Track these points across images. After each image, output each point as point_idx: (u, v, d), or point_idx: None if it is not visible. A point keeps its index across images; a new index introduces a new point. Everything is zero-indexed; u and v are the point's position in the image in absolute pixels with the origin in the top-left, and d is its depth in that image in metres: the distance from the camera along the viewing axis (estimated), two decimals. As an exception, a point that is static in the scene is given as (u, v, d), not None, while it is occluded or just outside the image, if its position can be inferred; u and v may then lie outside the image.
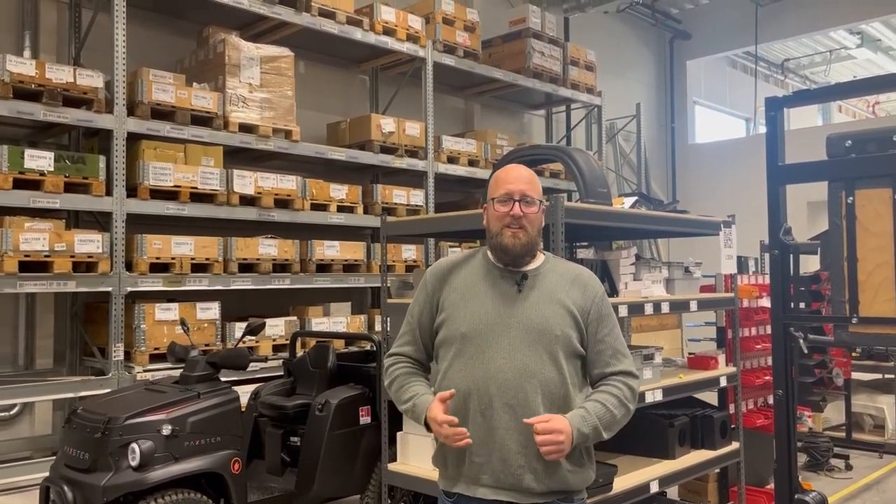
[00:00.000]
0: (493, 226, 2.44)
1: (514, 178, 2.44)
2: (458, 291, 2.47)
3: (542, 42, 10.63)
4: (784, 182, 3.17)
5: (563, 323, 2.36)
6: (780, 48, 17.42)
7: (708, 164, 15.05)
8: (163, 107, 6.74)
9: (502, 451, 2.29)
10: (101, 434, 3.98)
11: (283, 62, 7.69)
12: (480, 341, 2.35)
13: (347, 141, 8.70)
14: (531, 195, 2.42)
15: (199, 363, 4.59)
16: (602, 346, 2.42)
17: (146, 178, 6.55)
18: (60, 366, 7.01)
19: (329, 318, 7.99)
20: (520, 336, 2.33)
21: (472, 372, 2.35)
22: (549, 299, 2.39)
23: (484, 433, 2.31)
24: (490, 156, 9.80)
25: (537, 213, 2.43)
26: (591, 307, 2.43)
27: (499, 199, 2.42)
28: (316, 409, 4.84)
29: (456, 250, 9.37)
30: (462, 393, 2.35)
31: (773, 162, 3.19)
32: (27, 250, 5.84)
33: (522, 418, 2.27)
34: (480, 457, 2.32)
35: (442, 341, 2.45)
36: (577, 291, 2.43)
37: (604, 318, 2.45)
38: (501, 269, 2.46)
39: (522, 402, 2.29)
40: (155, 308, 6.56)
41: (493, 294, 2.41)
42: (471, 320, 2.39)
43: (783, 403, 3.17)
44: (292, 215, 7.66)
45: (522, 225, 2.39)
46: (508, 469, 2.29)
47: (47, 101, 6.07)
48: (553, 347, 2.33)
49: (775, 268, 3.14)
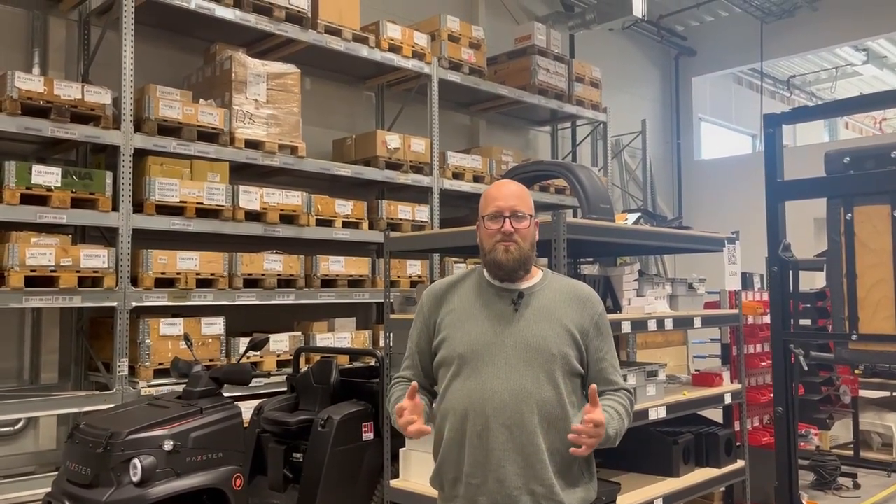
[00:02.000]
0: (486, 243, 2.43)
1: (503, 194, 2.43)
2: (455, 312, 2.46)
3: (547, 59, 10.68)
4: (783, 198, 3.16)
5: (561, 342, 2.34)
6: (785, 65, 17.45)
7: (714, 180, 15.04)
8: (169, 123, 6.79)
9: (499, 472, 2.27)
10: (103, 449, 3.98)
11: (290, 79, 7.74)
12: (477, 362, 2.34)
13: (353, 157, 8.74)
14: (521, 210, 2.40)
15: (202, 378, 4.60)
16: (603, 364, 2.41)
17: (152, 193, 6.59)
18: (65, 381, 7.02)
19: (333, 333, 7.99)
20: (516, 356, 2.32)
21: (468, 393, 2.33)
22: (546, 318, 2.37)
23: (481, 454, 2.29)
24: (495, 171, 9.82)
25: (529, 227, 2.42)
26: (591, 325, 2.41)
27: (489, 217, 2.42)
28: (318, 426, 4.83)
29: (461, 266, 9.37)
30: (459, 414, 2.34)
31: (772, 178, 3.19)
32: (33, 265, 5.87)
33: (519, 440, 2.26)
34: (477, 478, 2.30)
35: (440, 362, 2.44)
36: (575, 309, 2.41)
37: (603, 335, 2.44)
38: (497, 287, 2.44)
39: (519, 423, 2.27)
40: (160, 323, 6.57)
41: (488, 313, 2.40)
42: (467, 341, 2.37)
43: (783, 420, 3.14)
44: (297, 231, 7.68)
45: (514, 240, 2.38)
46: (505, 490, 2.27)
47: (55, 118, 6.12)
48: (550, 367, 2.31)
49: (775, 284, 3.12)
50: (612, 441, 2.29)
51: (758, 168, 13.79)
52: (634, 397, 2.50)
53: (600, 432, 2.17)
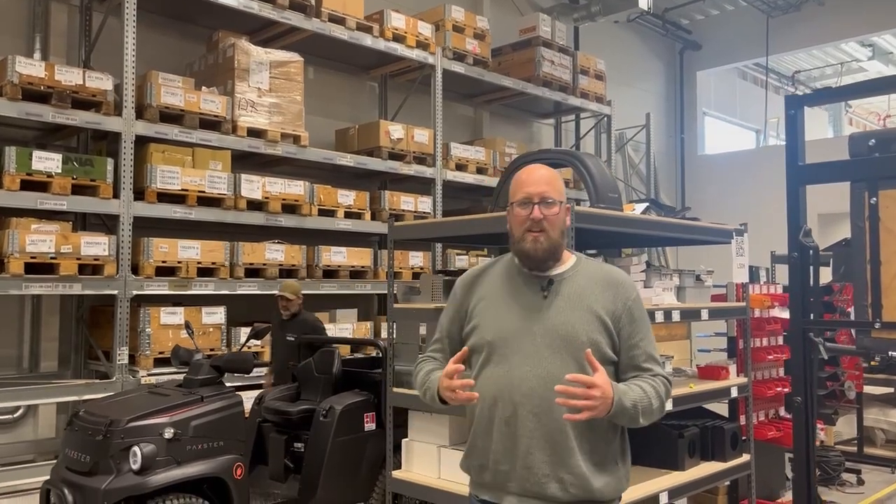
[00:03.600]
0: (515, 230, 2.37)
1: (533, 179, 2.37)
2: (486, 299, 2.42)
3: (551, 51, 10.60)
4: (804, 182, 3.07)
5: (591, 329, 2.29)
6: (790, 60, 17.36)
7: (717, 175, 14.97)
8: (171, 110, 6.73)
9: (527, 459, 2.25)
10: (103, 437, 3.94)
11: (293, 67, 7.68)
12: (505, 349, 2.31)
13: (356, 147, 8.68)
14: (551, 196, 2.33)
15: (202, 367, 4.55)
16: (636, 352, 2.34)
17: (154, 181, 6.53)
18: (65, 369, 6.97)
19: (335, 324, 7.95)
20: (545, 343, 2.28)
21: (497, 380, 2.30)
22: (576, 304, 2.31)
23: (509, 441, 2.28)
24: (499, 163, 9.75)
25: (559, 214, 2.34)
26: (623, 311, 2.34)
27: (518, 203, 2.36)
28: (320, 415, 4.79)
29: (463, 258, 9.31)
30: (488, 401, 2.32)
31: (793, 162, 3.09)
32: (33, 252, 5.82)
33: (547, 427, 2.23)
34: (505, 465, 2.29)
35: (471, 349, 2.41)
36: (607, 295, 2.34)
37: (637, 321, 2.36)
38: (527, 274, 2.39)
39: (547, 411, 2.24)
40: (160, 312, 6.52)
41: (518, 301, 2.36)
42: (496, 328, 2.34)
43: (802, 412, 3.07)
44: (299, 221, 7.63)
45: (543, 228, 2.31)
46: (533, 477, 2.25)
47: (56, 103, 6.06)
48: (579, 354, 2.25)
49: (794, 271, 3.04)
50: (632, 415, 2.19)
51: (761, 163, 13.75)
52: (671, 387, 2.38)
53: (596, 395, 2.08)
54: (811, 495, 3.08)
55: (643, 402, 2.22)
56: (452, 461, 4.04)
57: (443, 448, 4.11)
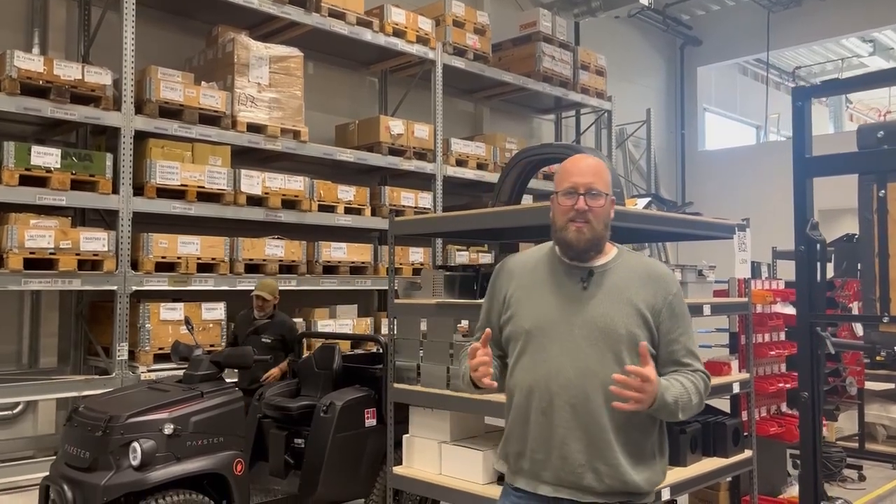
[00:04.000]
0: (558, 220, 2.35)
1: (580, 169, 2.34)
2: (524, 288, 2.40)
3: (552, 46, 10.57)
4: (811, 175, 3.04)
5: (630, 322, 2.27)
6: (791, 56, 17.32)
7: (717, 171, 14.94)
8: (171, 105, 6.70)
9: (562, 449, 2.25)
10: (102, 433, 3.91)
11: (293, 62, 7.65)
12: (543, 339, 2.30)
13: (356, 143, 8.65)
14: (597, 188, 2.31)
15: (202, 362, 4.53)
16: (675, 346, 2.32)
17: (153, 176, 6.51)
18: (64, 365, 6.95)
19: (335, 320, 7.93)
20: (582, 335, 2.27)
21: (534, 369, 2.31)
22: (615, 297, 2.30)
23: (545, 431, 2.27)
24: (499, 159, 9.72)
25: (604, 206, 2.32)
26: (663, 306, 2.31)
27: (563, 192, 2.33)
28: (321, 411, 4.76)
29: (463, 254, 9.29)
30: (524, 391, 2.32)
31: (800, 154, 3.05)
32: (32, 247, 5.79)
33: (583, 418, 2.23)
34: (541, 454, 2.29)
35: (508, 338, 2.41)
36: (648, 289, 2.32)
37: (677, 316, 2.33)
38: (568, 264, 2.37)
39: (583, 402, 2.24)
40: (160, 307, 6.50)
41: (557, 291, 2.34)
42: (534, 317, 2.33)
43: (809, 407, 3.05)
44: (299, 216, 7.61)
45: (587, 219, 2.29)
46: (569, 467, 2.25)
47: (55, 98, 6.03)
48: (617, 347, 2.24)
49: (801, 265, 3.02)
50: (672, 410, 2.18)
51: (761, 160, 13.72)
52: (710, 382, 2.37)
53: (648, 389, 2.08)
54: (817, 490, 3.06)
55: (683, 397, 2.21)
56: (454, 457, 4.03)
57: (444, 444, 4.10)
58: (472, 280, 4.19)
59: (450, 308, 4.08)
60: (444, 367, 4.05)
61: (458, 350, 4.00)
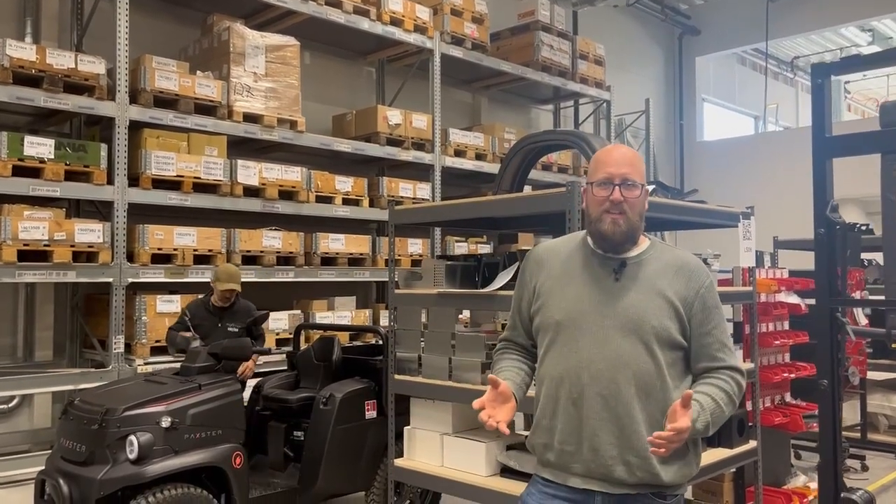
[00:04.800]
0: (593, 211, 2.31)
1: (614, 159, 2.31)
2: (555, 278, 2.37)
3: (550, 35, 10.49)
4: (832, 155, 2.95)
5: (661, 314, 2.24)
6: (789, 45, 17.25)
7: (716, 161, 14.89)
8: (166, 95, 6.61)
9: (593, 440, 2.22)
10: (99, 426, 3.85)
11: (289, 51, 7.56)
12: (574, 329, 2.27)
13: (353, 133, 8.57)
14: (633, 178, 2.27)
15: (200, 354, 4.47)
16: (708, 340, 2.28)
17: (148, 167, 6.43)
18: (60, 358, 6.89)
19: (333, 312, 7.86)
20: (615, 326, 2.24)
21: (564, 360, 2.27)
22: (648, 289, 2.26)
23: (575, 422, 2.24)
24: (498, 150, 9.65)
25: (639, 197, 2.29)
26: (696, 299, 2.27)
27: (598, 183, 2.29)
28: (320, 403, 4.70)
29: (462, 245, 9.22)
30: (555, 381, 2.29)
31: (820, 133, 2.95)
32: (26, 239, 5.71)
33: (614, 409, 2.20)
34: (571, 445, 2.25)
35: (538, 328, 2.38)
36: (680, 281, 2.28)
37: (710, 309, 2.30)
38: (600, 255, 2.33)
39: (614, 393, 2.20)
40: (156, 300, 6.43)
41: (589, 281, 2.31)
42: (565, 308, 2.30)
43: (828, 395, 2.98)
44: (297, 207, 7.53)
45: (623, 210, 2.25)
46: (599, 459, 2.22)
47: (48, 87, 5.94)
48: (649, 338, 2.22)
49: (821, 248, 2.94)
50: (704, 433, 2.20)
51: (760, 150, 13.65)
52: (744, 378, 2.33)
53: (683, 437, 2.08)
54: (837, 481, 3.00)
55: (716, 415, 2.20)
56: (456, 449, 3.97)
57: (446, 436, 4.03)
58: (474, 269, 4.12)
59: (452, 298, 4.01)
60: (445, 358, 3.98)
61: (460, 341, 3.94)
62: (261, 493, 4.48)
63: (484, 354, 3.81)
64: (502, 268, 3.92)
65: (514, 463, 3.73)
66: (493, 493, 3.68)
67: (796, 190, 13.90)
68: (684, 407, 2.07)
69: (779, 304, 5.07)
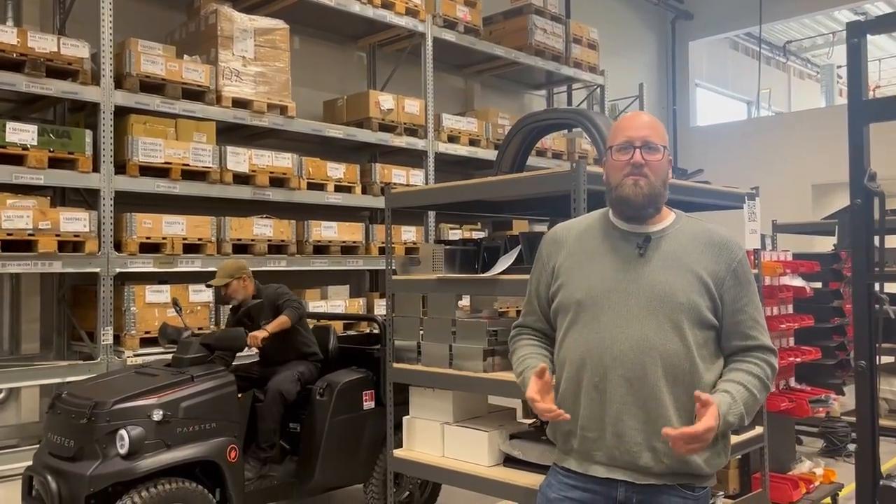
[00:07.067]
0: (613, 177, 2.20)
1: (634, 124, 2.21)
2: (575, 256, 2.25)
3: (544, 19, 10.34)
4: (869, 120, 2.81)
5: (690, 290, 2.11)
6: (781, 30, 17.15)
7: (709, 146, 14.81)
8: (152, 79, 6.43)
9: (617, 426, 2.09)
10: (87, 420, 3.71)
11: (278, 35, 7.38)
12: (596, 309, 2.14)
13: (345, 119, 8.41)
14: (654, 141, 2.16)
15: (192, 345, 4.32)
16: (742, 317, 2.15)
17: (135, 154, 6.26)
18: (47, 350, 6.73)
19: (327, 301, 7.73)
20: (639, 304, 2.11)
21: (586, 342, 2.15)
22: (675, 264, 2.14)
23: (598, 407, 2.12)
24: (492, 135, 9.50)
25: (661, 161, 2.17)
26: (727, 274, 2.15)
27: (618, 147, 2.18)
28: (317, 394, 4.57)
29: (457, 232, 9.10)
30: (575, 364, 2.16)
31: (856, 96, 2.79)
32: (10, 228, 5.55)
33: (640, 393, 2.07)
34: (593, 432, 2.13)
35: (557, 309, 2.25)
36: (709, 255, 2.16)
37: (742, 285, 2.17)
38: (622, 230, 2.22)
39: (640, 376, 2.08)
40: (145, 290, 6.28)
41: (611, 258, 2.18)
42: (586, 286, 2.17)
43: (866, 377, 2.85)
44: (288, 195, 7.38)
45: (644, 173, 2.14)
46: (624, 446, 2.09)
47: (30, 72, 5.76)
48: (677, 317, 2.09)
49: (858, 219, 2.80)
50: (739, 425, 2.09)
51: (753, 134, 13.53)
52: (776, 357, 2.22)
53: (707, 437, 1.97)
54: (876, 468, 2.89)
55: (749, 405, 2.09)
56: (457, 439, 3.85)
57: (447, 425, 3.92)
58: (474, 254, 3.99)
59: (451, 283, 3.88)
60: (446, 346, 3.86)
61: (460, 328, 3.82)
62: (256, 487, 4.36)
63: (485, 341, 3.69)
64: (503, 252, 3.80)
65: (517, 452, 3.62)
66: (496, 483, 3.58)
67: (790, 175, 13.88)
68: (703, 406, 1.97)
69: (784, 288, 4.97)
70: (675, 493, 2.10)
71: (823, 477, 5.08)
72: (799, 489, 4.82)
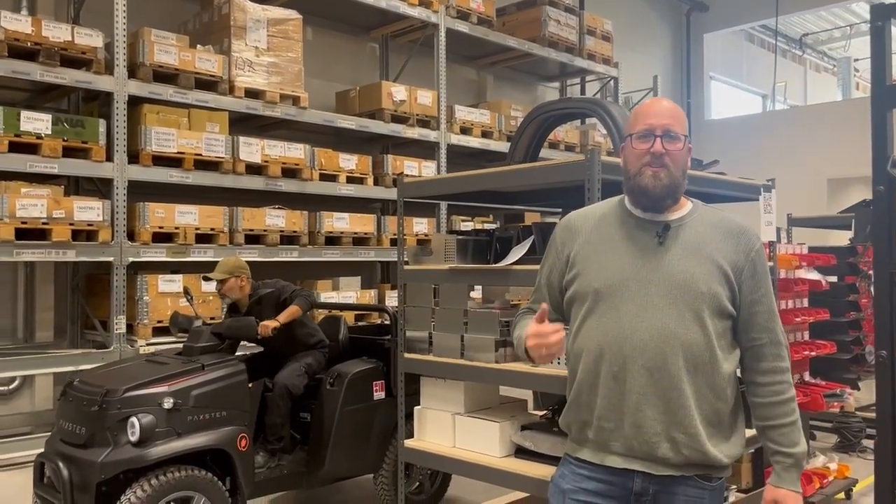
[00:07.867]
0: (632, 165, 2.16)
1: (655, 111, 2.16)
2: (591, 244, 2.21)
3: (557, 10, 10.27)
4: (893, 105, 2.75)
5: (711, 279, 2.08)
6: (798, 22, 16.97)
7: (724, 140, 14.67)
8: (165, 69, 6.44)
9: (636, 416, 2.06)
10: (99, 407, 3.71)
11: (291, 25, 7.37)
12: (615, 298, 2.11)
13: (357, 110, 8.39)
14: (675, 130, 2.12)
15: (203, 334, 4.32)
16: (758, 308, 2.13)
17: (148, 143, 6.27)
18: (61, 339, 6.77)
19: (338, 292, 7.73)
20: (659, 293, 2.08)
21: (604, 331, 2.11)
22: (694, 253, 2.11)
23: (616, 397, 2.09)
24: (504, 127, 9.46)
25: (681, 150, 2.13)
26: (746, 263, 2.12)
27: (637, 135, 2.14)
28: (327, 384, 4.57)
29: (468, 224, 9.07)
30: (593, 354, 2.13)
31: (880, 81, 2.73)
32: (24, 217, 5.57)
33: (661, 383, 2.05)
34: (611, 422, 2.10)
35: (573, 298, 2.22)
36: (729, 244, 2.13)
37: (759, 275, 2.15)
38: (640, 218, 2.18)
39: (661, 366, 2.05)
40: (158, 279, 6.30)
41: (629, 246, 2.15)
42: (604, 275, 2.14)
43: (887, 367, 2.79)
44: (300, 185, 7.37)
45: (664, 163, 2.10)
46: (642, 437, 2.06)
47: (44, 61, 5.78)
48: (698, 306, 2.06)
49: (880, 206, 2.75)
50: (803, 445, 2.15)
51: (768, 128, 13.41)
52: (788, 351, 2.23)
53: None
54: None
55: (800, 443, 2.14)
56: (468, 429, 3.84)
57: (458, 416, 3.91)
58: (486, 245, 3.97)
59: (464, 273, 3.86)
60: (457, 336, 3.84)
61: (472, 318, 3.80)
62: (267, 476, 4.36)
63: (497, 332, 3.66)
64: (516, 242, 3.77)
65: (529, 443, 3.60)
66: (507, 474, 3.56)
67: (805, 169, 13.75)
68: None
69: (799, 281, 4.92)
70: (691, 484, 2.08)
71: (837, 472, 5.04)
72: (812, 484, 4.77)
